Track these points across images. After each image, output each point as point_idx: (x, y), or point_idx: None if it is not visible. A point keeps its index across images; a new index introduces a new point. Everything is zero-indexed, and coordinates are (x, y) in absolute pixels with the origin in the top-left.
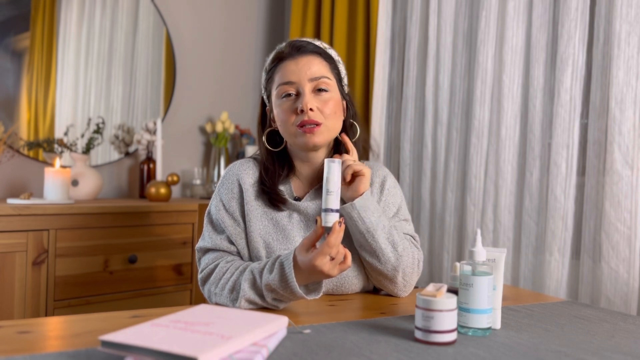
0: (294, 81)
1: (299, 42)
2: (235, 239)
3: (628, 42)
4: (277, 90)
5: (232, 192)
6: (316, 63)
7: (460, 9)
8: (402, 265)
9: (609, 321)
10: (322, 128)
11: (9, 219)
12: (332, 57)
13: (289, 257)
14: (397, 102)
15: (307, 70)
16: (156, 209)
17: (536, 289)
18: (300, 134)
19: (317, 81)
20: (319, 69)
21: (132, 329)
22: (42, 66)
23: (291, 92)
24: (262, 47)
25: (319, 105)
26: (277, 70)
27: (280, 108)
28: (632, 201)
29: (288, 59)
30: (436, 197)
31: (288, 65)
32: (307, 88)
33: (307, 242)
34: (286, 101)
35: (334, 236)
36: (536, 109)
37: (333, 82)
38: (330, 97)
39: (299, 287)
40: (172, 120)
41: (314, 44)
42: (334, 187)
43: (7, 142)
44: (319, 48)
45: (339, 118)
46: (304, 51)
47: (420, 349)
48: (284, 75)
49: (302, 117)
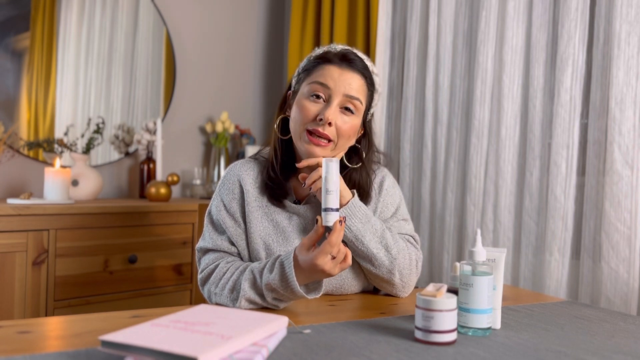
0: (330, 87)
1: (353, 55)
2: (235, 240)
3: (628, 42)
4: (309, 85)
5: (233, 193)
6: (358, 82)
7: (460, 9)
8: (398, 267)
9: (609, 321)
10: (331, 146)
11: (9, 219)
12: (374, 83)
13: (289, 256)
14: (397, 102)
15: (347, 85)
16: (156, 209)
17: (536, 289)
18: (306, 140)
19: (350, 100)
20: (357, 90)
21: (132, 329)
22: (42, 66)
23: (321, 94)
24: (262, 47)
25: (340, 123)
26: (320, 67)
27: (302, 103)
28: (632, 201)
29: (335, 64)
30: (436, 197)
31: (332, 69)
32: (337, 100)
33: (308, 242)
34: (311, 101)
35: (335, 235)
36: (536, 109)
37: (363, 107)
38: (351, 120)
39: (299, 287)
40: (172, 120)
41: (365, 63)
42: (333, 187)
43: (7, 142)
44: (368, 71)
45: (350, 141)
46: (353, 66)
47: (420, 349)
48: (323, 75)
49: (317, 125)
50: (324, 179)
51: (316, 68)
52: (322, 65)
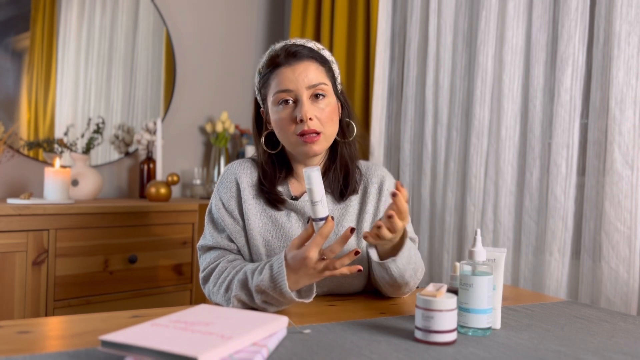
0: (292, 89)
1: (294, 48)
2: (235, 237)
3: (628, 42)
4: (274, 97)
5: (231, 191)
6: (312, 69)
7: (460, 9)
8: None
9: (609, 321)
10: (322, 137)
11: (9, 219)
12: (326, 60)
13: (280, 257)
14: (397, 102)
15: (305, 78)
16: (156, 209)
17: (536, 289)
18: (301, 143)
19: (314, 88)
20: (316, 76)
21: (132, 329)
22: (42, 66)
23: (289, 99)
24: (262, 47)
25: (318, 113)
26: (273, 76)
27: (278, 115)
28: (632, 201)
29: (284, 65)
30: (436, 197)
31: (284, 72)
32: (304, 96)
33: (298, 241)
34: (284, 109)
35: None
36: (536, 109)
37: (329, 86)
38: (327, 104)
39: (288, 287)
40: (172, 120)
41: (308, 47)
42: (318, 197)
43: (7, 142)
44: (314, 52)
45: (336, 123)
46: (300, 57)
47: (420, 349)
48: (281, 82)
49: (301, 127)
50: (308, 190)
51: (270, 78)
52: (274, 72)
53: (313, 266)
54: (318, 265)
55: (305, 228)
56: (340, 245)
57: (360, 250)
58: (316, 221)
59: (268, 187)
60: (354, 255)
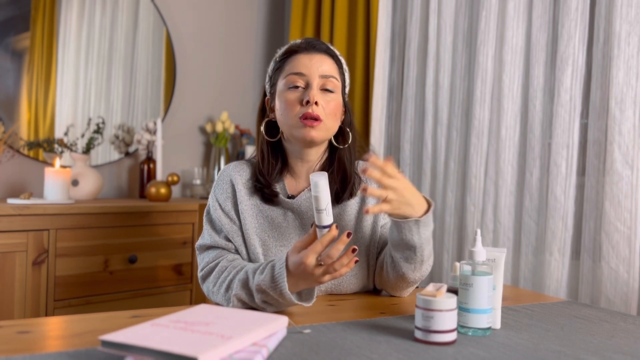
0: (305, 74)
1: (315, 41)
2: (232, 237)
3: (628, 42)
4: (285, 79)
5: (227, 192)
6: (328, 62)
7: (460, 9)
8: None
9: (609, 321)
10: (322, 125)
11: (9, 219)
12: (341, 63)
13: (282, 258)
14: (397, 102)
15: (320, 67)
16: (156, 209)
17: (536, 289)
18: (301, 125)
19: (326, 79)
20: (330, 69)
21: (132, 329)
22: (42, 66)
23: (299, 84)
24: (262, 47)
25: (324, 103)
26: (289, 61)
27: (284, 97)
28: (632, 201)
29: (302, 52)
30: (436, 197)
31: (301, 58)
32: (315, 83)
33: (300, 245)
34: (293, 92)
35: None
36: (536, 109)
37: (339, 85)
38: (334, 99)
39: (288, 290)
40: (172, 120)
41: (327, 45)
42: (324, 205)
43: (7, 142)
44: (332, 51)
45: (337, 120)
46: (318, 49)
47: (420, 349)
48: (296, 66)
49: (306, 109)
50: (314, 198)
51: (286, 63)
52: (291, 58)
53: (311, 272)
54: (316, 271)
55: (308, 233)
56: (337, 251)
57: (356, 248)
58: (320, 228)
59: (263, 180)
60: (352, 253)
